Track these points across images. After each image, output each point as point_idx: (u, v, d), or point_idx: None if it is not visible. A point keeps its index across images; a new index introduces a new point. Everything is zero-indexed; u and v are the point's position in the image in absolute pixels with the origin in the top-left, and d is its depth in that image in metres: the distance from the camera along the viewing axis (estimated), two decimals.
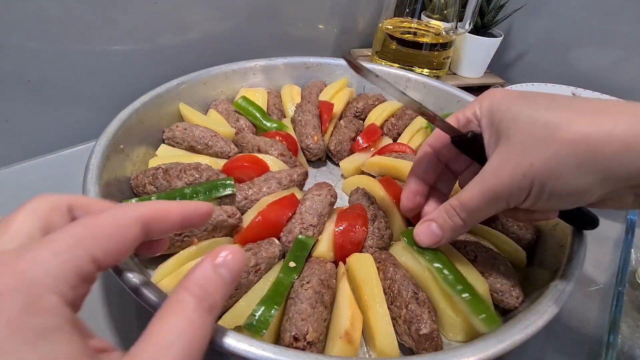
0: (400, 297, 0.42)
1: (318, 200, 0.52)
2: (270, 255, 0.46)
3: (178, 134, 0.62)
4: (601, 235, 0.63)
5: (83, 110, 0.73)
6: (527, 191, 0.35)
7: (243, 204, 0.54)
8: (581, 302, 0.53)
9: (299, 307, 0.39)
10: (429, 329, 0.40)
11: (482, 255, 0.48)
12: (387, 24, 0.90)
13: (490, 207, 0.38)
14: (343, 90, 0.80)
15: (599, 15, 0.86)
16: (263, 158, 0.60)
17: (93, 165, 0.48)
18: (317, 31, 0.99)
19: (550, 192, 0.35)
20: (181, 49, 0.79)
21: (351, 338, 0.38)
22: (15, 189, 0.62)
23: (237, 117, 0.71)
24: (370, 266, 0.45)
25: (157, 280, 0.45)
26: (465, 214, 0.40)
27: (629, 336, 0.46)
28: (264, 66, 0.78)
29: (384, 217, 0.53)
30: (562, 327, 0.50)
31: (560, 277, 0.42)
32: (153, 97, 0.62)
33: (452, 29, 0.87)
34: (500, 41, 0.95)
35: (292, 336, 0.37)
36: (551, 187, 0.34)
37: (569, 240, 0.47)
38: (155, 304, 0.34)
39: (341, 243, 0.49)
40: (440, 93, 0.78)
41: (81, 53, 0.68)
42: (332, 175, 0.71)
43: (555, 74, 0.96)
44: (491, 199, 0.37)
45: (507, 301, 0.45)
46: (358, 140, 0.70)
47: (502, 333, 0.36)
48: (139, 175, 0.54)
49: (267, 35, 0.90)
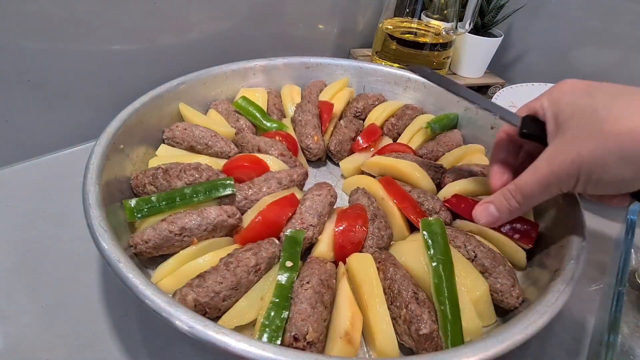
0: (400, 297, 0.42)
1: (318, 200, 0.52)
2: (270, 255, 0.46)
3: (178, 134, 0.62)
4: (601, 235, 0.63)
5: (83, 110, 0.73)
6: (575, 178, 0.39)
7: (243, 204, 0.54)
8: (581, 302, 0.53)
9: (299, 307, 0.39)
10: (429, 329, 0.40)
11: (482, 255, 0.48)
12: (387, 24, 0.90)
13: (543, 192, 0.42)
14: (343, 90, 0.80)
15: (599, 15, 0.86)
16: (263, 158, 0.60)
17: (93, 165, 0.48)
18: (317, 31, 0.99)
19: (597, 180, 0.38)
20: (181, 49, 0.79)
21: (351, 338, 0.38)
22: (15, 189, 0.62)
23: (237, 117, 0.71)
24: (370, 266, 0.45)
25: (157, 280, 0.45)
26: (521, 198, 0.44)
27: (629, 336, 0.46)
28: (264, 66, 0.78)
29: (384, 217, 0.53)
30: (562, 327, 0.50)
31: (561, 277, 0.42)
32: (153, 97, 0.62)
33: (452, 29, 0.87)
34: (500, 41, 0.95)
35: (292, 336, 0.37)
36: (597, 176, 0.38)
37: (569, 241, 0.47)
38: (154, 304, 0.34)
39: (341, 243, 0.49)
40: (440, 93, 0.78)
41: (81, 53, 0.68)
42: (332, 175, 0.71)
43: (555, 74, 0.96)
44: (543, 184, 0.41)
45: (507, 301, 0.45)
46: (358, 140, 0.70)
47: (502, 333, 0.36)
48: (139, 175, 0.54)
49: (267, 35, 0.90)
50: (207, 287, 0.41)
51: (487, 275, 0.47)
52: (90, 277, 0.50)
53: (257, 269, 0.45)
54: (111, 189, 0.50)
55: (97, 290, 0.49)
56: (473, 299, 0.44)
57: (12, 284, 0.48)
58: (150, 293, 0.35)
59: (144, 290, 0.35)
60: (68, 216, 0.56)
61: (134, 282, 0.36)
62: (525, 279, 0.50)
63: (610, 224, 0.66)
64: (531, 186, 0.43)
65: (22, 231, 0.55)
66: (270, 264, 0.47)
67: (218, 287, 0.41)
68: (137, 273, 0.37)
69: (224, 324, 0.40)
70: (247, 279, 0.43)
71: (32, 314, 0.46)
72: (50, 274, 0.50)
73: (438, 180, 0.63)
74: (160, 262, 0.47)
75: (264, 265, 0.45)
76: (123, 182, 0.54)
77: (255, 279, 0.45)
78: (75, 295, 0.48)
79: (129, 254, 0.43)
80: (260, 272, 0.45)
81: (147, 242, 0.45)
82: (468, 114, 0.74)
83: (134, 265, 0.38)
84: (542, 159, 0.42)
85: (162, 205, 0.50)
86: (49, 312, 0.46)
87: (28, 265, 0.51)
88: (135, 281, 0.36)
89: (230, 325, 0.40)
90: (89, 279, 0.50)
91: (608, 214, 0.68)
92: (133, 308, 0.47)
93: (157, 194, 0.51)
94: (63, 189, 0.61)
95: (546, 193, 0.42)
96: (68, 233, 0.55)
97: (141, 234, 0.46)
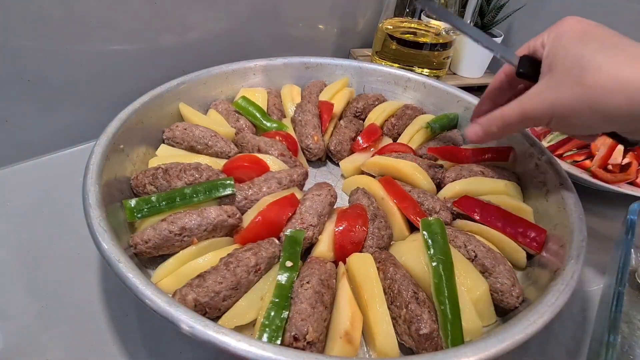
0: (400, 297, 0.42)
1: (318, 200, 0.52)
2: (270, 255, 0.46)
3: (178, 134, 0.62)
4: (601, 235, 0.63)
5: (83, 110, 0.73)
6: (549, 118, 0.44)
7: (243, 204, 0.54)
8: (581, 302, 0.53)
9: (299, 307, 0.39)
10: (429, 328, 0.40)
11: (482, 255, 0.48)
12: (387, 24, 0.90)
13: (521, 124, 0.48)
14: (343, 90, 0.80)
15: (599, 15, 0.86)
16: (263, 158, 0.60)
17: (93, 165, 0.48)
18: (317, 31, 0.99)
19: (568, 123, 0.44)
20: (181, 49, 0.79)
21: (351, 338, 0.38)
22: (15, 189, 0.62)
23: (237, 117, 0.71)
24: (370, 266, 0.45)
25: (157, 280, 0.45)
26: (502, 124, 0.49)
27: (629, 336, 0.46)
28: (264, 66, 0.78)
29: (384, 217, 0.53)
30: (562, 327, 0.50)
31: (561, 277, 0.42)
32: (153, 97, 0.62)
33: (452, 29, 0.87)
34: (500, 41, 0.95)
35: (292, 336, 0.37)
36: (569, 120, 0.43)
37: (569, 241, 0.47)
38: (154, 304, 0.34)
39: (341, 243, 0.49)
40: (440, 93, 0.78)
41: (81, 53, 0.68)
42: (332, 175, 0.71)
43: None
44: (522, 118, 0.47)
45: (507, 301, 0.45)
46: (358, 140, 0.70)
47: (502, 333, 0.36)
48: (138, 175, 0.54)
49: (267, 35, 0.90)
50: (207, 287, 0.41)
51: (487, 275, 0.47)
52: (90, 277, 0.50)
53: (257, 269, 0.45)
54: (111, 189, 0.50)
55: (97, 290, 0.49)
56: (473, 298, 0.44)
57: (12, 284, 0.48)
58: (150, 293, 0.35)
59: (144, 290, 0.35)
60: (68, 216, 0.56)
61: (134, 282, 0.36)
62: (525, 279, 0.50)
63: (610, 224, 0.66)
64: (511, 117, 0.48)
65: (22, 231, 0.55)
66: (270, 264, 0.47)
67: (218, 287, 0.41)
68: (137, 273, 0.37)
69: (224, 324, 0.40)
70: (247, 279, 0.43)
71: (32, 314, 0.46)
72: (50, 274, 0.50)
73: (438, 180, 0.63)
74: (160, 262, 0.47)
75: (264, 265, 0.45)
76: (123, 182, 0.54)
77: (255, 279, 0.45)
78: (75, 295, 0.48)
79: (129, 254, 0.43)
80: (260, 272, 0.45)
81: (147, 242, 0.45)
82: (468, 114, 0.74)
83: (134, 265, 0.38)
84: (527, 96, 0.46)
85: (162, 205, 0.50)
86: (49, 312, 0.46)
87: (28, 265, 0.51)
88: (135, 281, 0.36)
89: (230, 325, 0.40)
90: (89, 279, 0.50)
91: (608, 214, 0.68)
92: (133, 308, 0.47)
93: (157, 194, 0.51)
94: (63, 189, 0.61)
95: (522, 125, 0.48)
96: (68, 233, 0.55)
97: (141, 234, 0.46)
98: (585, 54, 0.40)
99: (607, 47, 0.40)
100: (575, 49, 0.42)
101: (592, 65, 0.39)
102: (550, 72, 0.44)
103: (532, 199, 0.59)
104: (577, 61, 0.41)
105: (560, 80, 0.42)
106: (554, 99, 0.43)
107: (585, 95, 0.40)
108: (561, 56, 0.43)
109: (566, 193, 0.53)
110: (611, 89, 0.38)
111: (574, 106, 0.41)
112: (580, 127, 0.44)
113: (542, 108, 0.44)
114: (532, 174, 0.61)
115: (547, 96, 0.43)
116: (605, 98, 0.39)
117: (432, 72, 0.90)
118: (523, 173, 0.63)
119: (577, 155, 0.74)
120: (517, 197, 0.60)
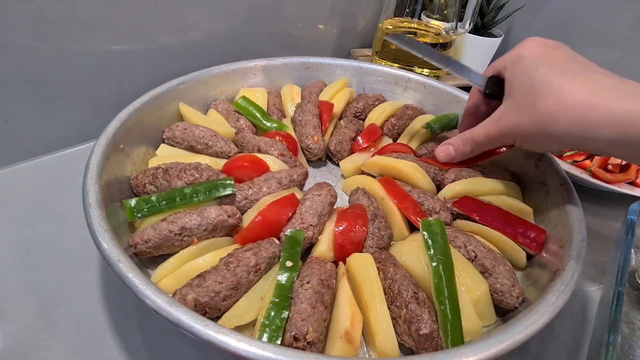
0: (400, 297, 0.42)
1: (318, 200, 0.52)
2: (270, 255, 0.46)
3: (178, 133, 0.62)
4: (601, 235, 0.63)
5: (83, 110, 0.73)
6: (513, 139, 0.48)
7: (243, 204, 0.54)
8: (581, 302, 0.53)
9: (299, 307, 0.39)
10: (429, 329, 0.40)
11: (482, 255, 0.48)
12: (387, 24, 0.90)
13: (490, 144, 0.52)
14: (343, 90, 0.80)
15: (599, 15, 0.86)
16: (263, 158, 0.60)
17: (93, 165, 0.48)
18: (317, 31, 0.99)
19: (531, 144, 0.47)
20: (181, 49, 0.79)
21: (351, 338, 0.38)
22: (15, 189, 0.62)
23: (237, 117, 0.71)
24: (370, 266, 0.45)
25: (157, 280, 0.45)
26: (474, 144, 0.54)
27: (629, 336, 0.46)
28: (264, 66, 0.78)
29: (384, 217, 0.53)
30: (562, 327, 0.50)
31: (561, 277, 0.42)
32: (153, 97, 0.62)
33: (452, 29, 0.87)
34: (500, 41, 0.95)
35: (292, 336, 0.37)
36: (530, 141, 0.47)
37: (569, 241, 0.47)
38: (154, 304, 0.34)
39: (341, 243, 0.49)
40: (440, 93, 0.78)
41: (81, 53, 0.68)
42: (332, 175, 0.71)
43: None
44: (490, 139, 0.51)
45: (507, 301, 0.45)
46: (358, 140, 0.70)
47: (502, 333, 0.36)
48: (138, 175, 0.54)
49: (267, 35, 0.90)
50: (207, 287, 0.41)
51: (487, 275, 0.47)
52: (90, 277, 0.50)
53: (257, 269, 0.45)
54: (111, 188, 0.50)
55: (97, 290, 0.49)
56: (473, 299, 0.44)
57: (12, 284, 0.48)
58: (150, 293, 0.35)
59: (144, 290, 0.35)
60: (68, 216, 0.57)
61: (134, 281, 0.36)
62: (525, 279, 0.50)
63: (610, 224, 0.66)
64: (481, 138, 0.52)
65: (22, 231, 0.55)
66: (270, 263, 0.47)
67: (218, 287, 0.41)
68: (137, 273, 0.37)
69: (224, 323, 0.40)
70: (247, 278, 0.43)
71: (32, 314, 0.46)
72: (50, 274, 0.50)
73: (438, 180, 0.63)
74: (160, 262, 0.47)
75: (264, 265, 0.45)
76: (123, 182, 0.54)
77: (255, 278, 0.45)
78: (75, 295, 0.48)
79: (129, 254, 0.43)
80: (260, 272, 0.45)
81: (147, 242, 0.45)
82: None
83: (134, 265, 0.38)
84: (493, 117, 0.50)
85: (162, 205, 0.50)
86: (49, 312, 0.46)
87: (28, 265, 0.51)
88: (135, 281, 0.36)
89: (230, 325, 0.40)
90: (89, 279, 0.50)
91: (608, 214, 0.68)
92: (133, 308, 0.47)
93: (157, 193, 0.51)
94: (63, 189, 0.61)
95: (492, 144, 0.52)
96: (68, 233, 0.55)
97: (141, 234, 0.46)
98: (538, 79, 0.43)
99: (561, 72, 0.42)
100: (532, 73, 0.44)
101: (542, 91, 0.42)
102: (510, 97, 0.47)
103: (532, 199, 0.59)
104: (531, 87, 0.44)
105: (517, 106, 0.46)
106: (514, 124, 0.46)
107: (537, 120, 0.43)
108: (517, 82, 0.46)
109: (566, 193, 0.53)
110: (557, 115, 0.41)
111: (530, 130, 0.45)
112: (542, 147, 0.48)
113: (505, 131, 0.48)
114: (532, 174, 0.61)
115: (508, 121, 0.47)
116: (551, 124, 0.42)
117: (432, 72, 0.90)
118: (523, 173, 0.63)
119: (577, 155, 0.75)
120: (517, 197, 0.60)
